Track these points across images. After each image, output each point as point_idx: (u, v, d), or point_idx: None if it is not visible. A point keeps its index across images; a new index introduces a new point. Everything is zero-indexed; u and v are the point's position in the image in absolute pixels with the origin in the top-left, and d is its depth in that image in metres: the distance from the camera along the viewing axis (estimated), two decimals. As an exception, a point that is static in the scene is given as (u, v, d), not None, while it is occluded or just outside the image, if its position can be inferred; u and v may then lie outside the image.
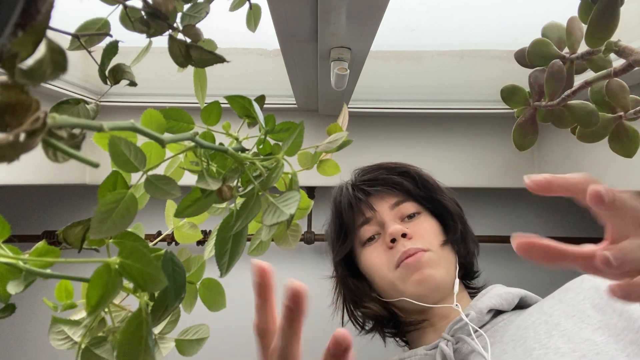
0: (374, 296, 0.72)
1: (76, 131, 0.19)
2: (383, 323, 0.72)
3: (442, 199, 0.72)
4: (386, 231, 0.67)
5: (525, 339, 0.54)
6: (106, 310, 0.36)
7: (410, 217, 0.70)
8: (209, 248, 0.42)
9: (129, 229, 0.29)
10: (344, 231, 0.74)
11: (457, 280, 0.66)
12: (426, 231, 0.68)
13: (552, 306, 0.58)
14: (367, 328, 0.75)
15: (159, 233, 1.36)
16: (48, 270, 0.28)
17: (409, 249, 0.64)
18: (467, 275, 0.73)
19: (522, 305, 0.65)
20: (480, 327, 0.59)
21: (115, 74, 0.38)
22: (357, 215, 0.72)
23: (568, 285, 0.61)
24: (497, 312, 0.64)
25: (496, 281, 0.72)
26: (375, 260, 0.69)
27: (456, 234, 0.70)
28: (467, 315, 0.60)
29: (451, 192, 0.76)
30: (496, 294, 0.64)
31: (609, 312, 0.52)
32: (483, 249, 1.49)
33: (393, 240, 0.66)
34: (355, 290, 0.73)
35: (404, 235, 0.66)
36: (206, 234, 1.18)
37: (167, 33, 0.35)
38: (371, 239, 0.71)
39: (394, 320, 0.72)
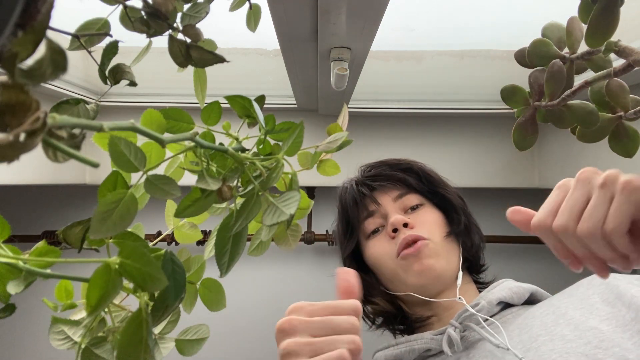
0: (382, 290, 0.73)
1: (76, 131, 0.19)
2: (391, 320, 0.73)
3: (446, 193, 0.73)
4: (388, 221, 0.69)
5: (532, 326, 0.55)
6: (106, 310, 0.36)
7: (414, 208, 0.71)
8: (209, 248, 0.42)
9: (129, 229, 0.29)
10: (350, 227, 0.75)
11: (461, 273, 0.67)
12: (428, 222, 0.69)
13: (561, 300, 0.58)
14: (377, 323, 0.76)
15: (159, 233, 1.36)
16: (48, 270, 0.28)
17: (407, 236, 0.66)
18: (474, 268, 0.74)
19: (532, 300, 0.66)
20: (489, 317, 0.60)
21: (115, 74, 0.38)
22: (361, 210, 0.73)
23: (579, 283, 0.61)
24: (506, 305, 0.64)
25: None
26: (379, 250, 0.70)
27: (460, 226, 0.71)
28: (477, 305, 0.60)
29: (454, 187, 0.77)
30: (507, 287, 0.65)
31: (617, 305, 0.52)
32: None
33: (395, 230, 0.68)
34: (364, 283, 0.73)
35: (405, 225, 0.68)
36: (206, 234, 1.18)
37: (167, 33, 0.35)
38: (375, 231, 0.72)
39: (402, 316, 0.72)
